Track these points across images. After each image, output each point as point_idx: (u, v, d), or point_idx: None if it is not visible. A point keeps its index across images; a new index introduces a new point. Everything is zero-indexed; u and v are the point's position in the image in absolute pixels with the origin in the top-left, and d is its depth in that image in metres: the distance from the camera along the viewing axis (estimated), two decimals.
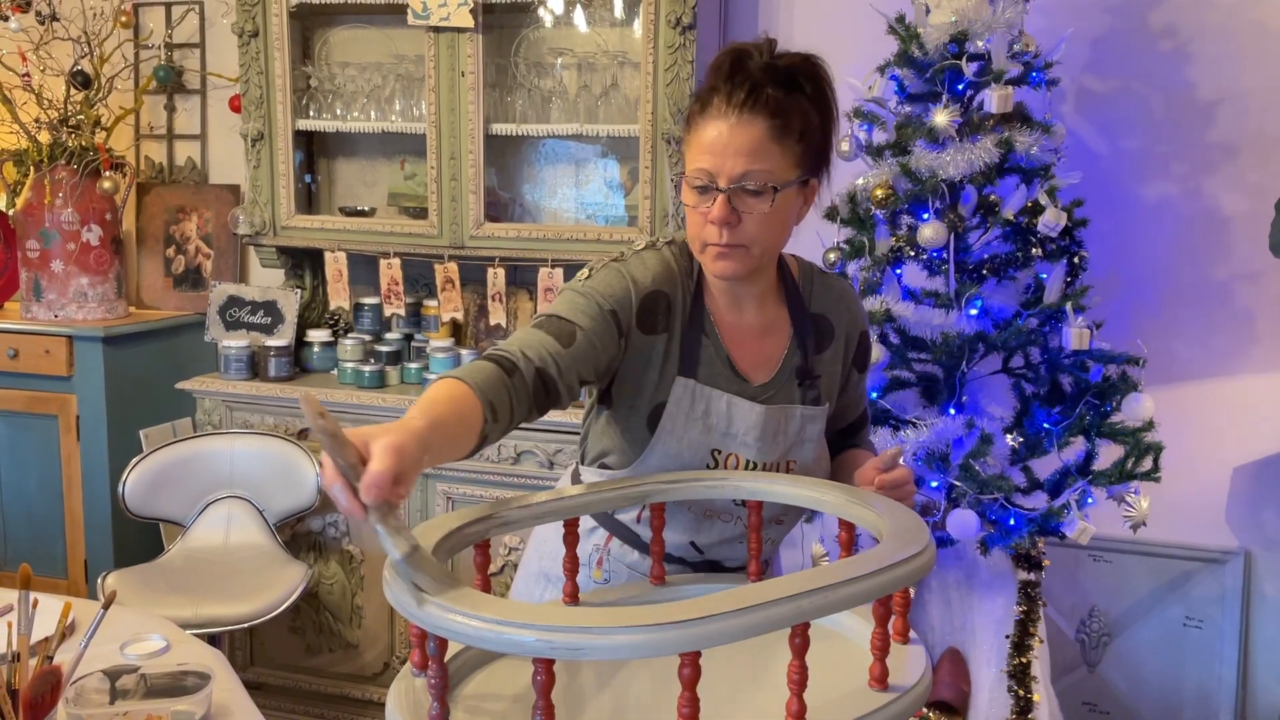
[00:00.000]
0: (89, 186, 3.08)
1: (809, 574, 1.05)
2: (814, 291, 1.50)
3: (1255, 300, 2.66)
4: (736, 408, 1.43)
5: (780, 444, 1.45)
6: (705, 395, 1.42)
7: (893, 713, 1.09)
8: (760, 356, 1.46)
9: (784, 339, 1.48)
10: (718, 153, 1.31)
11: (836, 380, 1.51)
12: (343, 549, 2.87)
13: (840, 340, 1.51)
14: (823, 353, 1.49)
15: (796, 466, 1.48)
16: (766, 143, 1.31)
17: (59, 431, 3.06)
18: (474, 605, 0.93)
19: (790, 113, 1.32)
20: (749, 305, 1.46)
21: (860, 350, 1.54)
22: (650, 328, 1.41)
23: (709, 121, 1.32)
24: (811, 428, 1.46)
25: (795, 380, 1.46)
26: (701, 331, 1.44)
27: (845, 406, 1.56)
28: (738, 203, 1.32)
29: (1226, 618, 2.70)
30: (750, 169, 1.31)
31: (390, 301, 2.93)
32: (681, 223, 2.66)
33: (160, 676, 1.57)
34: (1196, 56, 2.63)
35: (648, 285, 1.40)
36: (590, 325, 1.35)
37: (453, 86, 2.77)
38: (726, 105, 1.31)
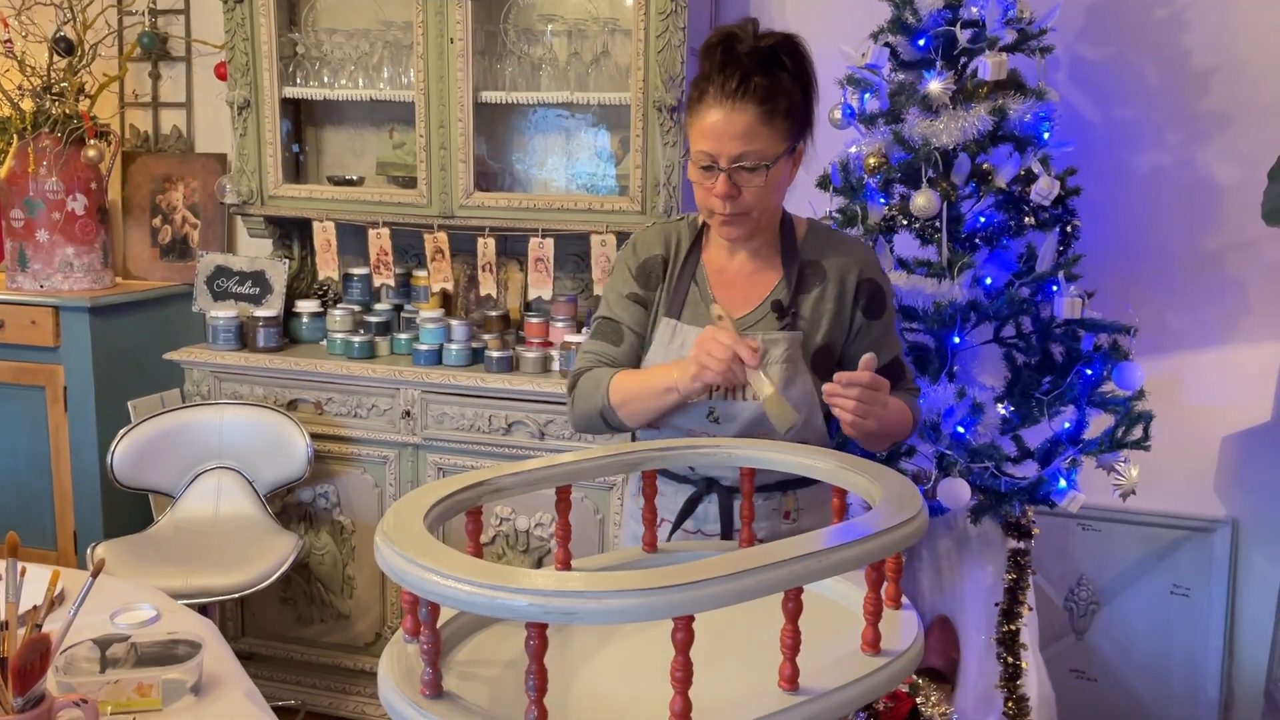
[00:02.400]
0: (73, 155, 3.04)
1: (802, 539, 1.05)
2: (812, 242, 1.68)
3: (1247, 270, 2.66)
4: (683, 332, 1.62)
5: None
6: (683, 331, 1.63)
7: (885, 676, 1.09)
8: (744, 296, 1.66)
9: (771, 280, 1.66)
10: (716, 137, 1.52)
11: (826, 317, 1.63)
12: (333, 520, 2.86)
13: (831, 283, 1.64)
14: (807, 292, 1.64)
15: None
16: (757, 126, 1.51)
17: (46, 403, 3.05)
18: (468, 570, 0.93)
19: (776, 95, 1.52)
20: (741, 254, 1.68)
21: (867, 297, 1.65)
22: (650, 285, 1.69)
23: (707, 109, 1.53)
24: (775, 351, 1.59)
25: (772, 313, 1.63)
26: (692, 279, 1.68)
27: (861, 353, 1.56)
28: (737, 179, 1.54)
29: (1214, 586, 2.72)
30: (745, 150, 1.52)
31: (379, 272, 2.91)
32: (673, 192, 2.64)
33: (151, 645, 1.57)
34: (1191, 25, 2.62)
35: (643, 254, 1.70)
36: (625, 316, 1.69)
37: (441, 53, 2.73)
38: (720, 94, 1.52)
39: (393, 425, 2.77)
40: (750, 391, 1.52)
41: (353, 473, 2.83)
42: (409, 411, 2.75)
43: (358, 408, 2.79)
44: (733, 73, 1.51)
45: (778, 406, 1.44)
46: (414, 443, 2.76)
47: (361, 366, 2.77)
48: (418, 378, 2.73)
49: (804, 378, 1.60)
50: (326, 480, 2.84)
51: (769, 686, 1.04)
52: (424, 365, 2.77)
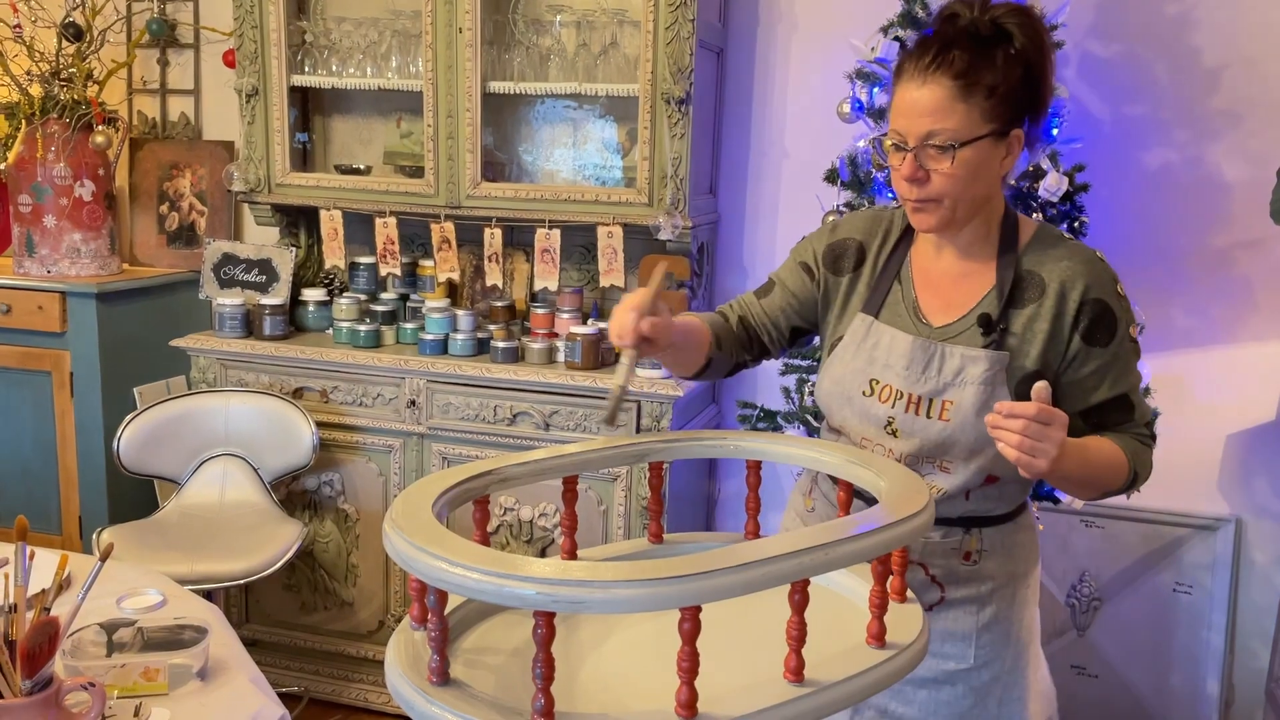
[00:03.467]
0: (81, 141, 3.04)
1: (809, 532, 1.05)
2: (1035, 249, 1.48)
3: (1254, 268, 2.65)
4: (897, 340, 1.49)
5: (933, 378, 1.45)
6: (878, 330, 1.51)
7: (890, 669, 1.10)
8: (950, 301, 1.51)
9: (982, 288, 1.49)
10: (906, 114, 1.40)
11: (1039, 338, 1.44)
12: (338, 508, 2.87)
13: (1050, 299, 1.44)
14: (1022, 307, 1.45)
15: (953, 407, 1.43)
16: (950, 102, 1.37)
17: (53, 388, 3.05)
18: (476, 558, 0.93)
19: (979, 70, 1.37)
20: (950, 253, 1.52)
21: (1090, 319, 1.43)
22: (838, 269, 1.58)
23: (902, 85, 1.42)
24: (974, 370, 1.43)
25: (978, 327, 1.46)
26: (895, 276, 1.55)
27: (1077, 383, 1.46)
28: (925, 160, 1.40)
29: (1216, 584, 2.73)
30: (935, 128, 1.38)
31: (386, 261, 2.92)
32: (680, 184, 2.64)
33: (157, 630, 1.58)
34: (1202, 22, 2.61)
35: (841, 234, 1.60)
36: (786, 277, 1.62)
37: (450, 43, 2.73)
38: (914, 69, 1.39)
39: (398, 414, 2.77)
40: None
41: (358, 461, 2.83)
42: (414, 401, 2.75)
43: (363, 396, 2.80)
44: (931, 44, 1.39)
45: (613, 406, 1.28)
46: (419, 432, 2.76)
47: (367, 355, 2.78)
48: (423, 367, 2.73)
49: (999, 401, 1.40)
50: (331, 468, 2.84)
51: (774, 678, 1.05)
52: (429, 355, 2.77)
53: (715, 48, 2.84)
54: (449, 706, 0.98)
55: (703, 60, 2.69)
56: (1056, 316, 1.44)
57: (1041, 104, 1.44)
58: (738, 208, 2.99)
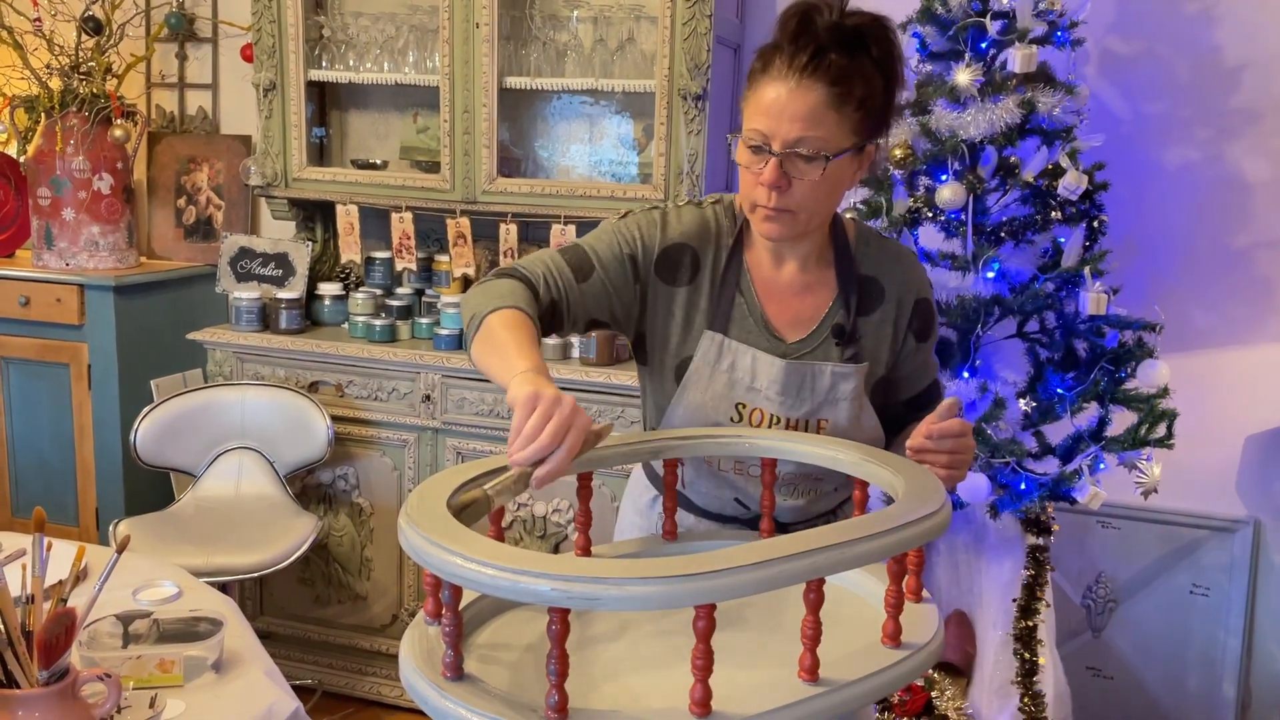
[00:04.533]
0: (100, 134, 3.06)
1: (824, 530, 1.05)
2: (867, 254, 1.48)
3: (1275, 268, 2.63)
4: (760, 362, 1.43)
5: (807, 400, 1.43)
6: (732, 349, 1.43)
7: (905, 669, 1.09)
8: (797, 314, 1.46)
9: (826, 298, 1.47)
10: (774, 115, 1.31)
11: (885, 344, 1.47)
12: (352, 501, 2.88)
13: (891, 303, 1.47)
14: (869, 314, 1.46)
15: (829, 426, 1.44)
16: (824, 110, 1.30)
17: (70, 380, 3.07)
18: (491, 554, 0.93)
19: (852, 79, 1.30)
20: (791, 264, 1.46)
21: (920, 317, 1.49)
22: (671, 279, 1.44)
23: (769, 82, 1.32)
24: (844, 386, 1.43)
25: (833, 339, 1.45)
26: (736, 288, 1.45)
27: (906, 376, 1.52)
28: (789, 167, 1.32)
29: (1234, 586, 2.71)
30: (805, 135, 1.30)
31: (401, 256, 2.92)
32: (696, 181, 2.63)
33: (173, 622, 1.59)
34: (1223, 19, 2.59)
35: (675, 237, 1.44)
36: (608, 265, 1.42)
37: (467, 38, 2.73)
38: (787, 68, 1.30)
39: (413, 409, 2.78)
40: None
41: (372, 455, 2.84)
42: (429, 395, 2.75)
43: (378, 391, 2.80)
44: (806, 44, 1.29)
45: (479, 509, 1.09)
46: (433, 427, 2.77)
47: (382, 350, 2.78)
48: (438, 362, 2.73)
49: (869, 415, 1.47)
50: (346, 462, 2.85)
51: (789, 676, 1.04)
52: (445, 350, 2.78)
53: (732, 44, 2.83)
54: (463, 701, 0.98)
55: (720, 56, 2.68)
56: (895, 321, 1.47)
57: (891, 119, 1.39)
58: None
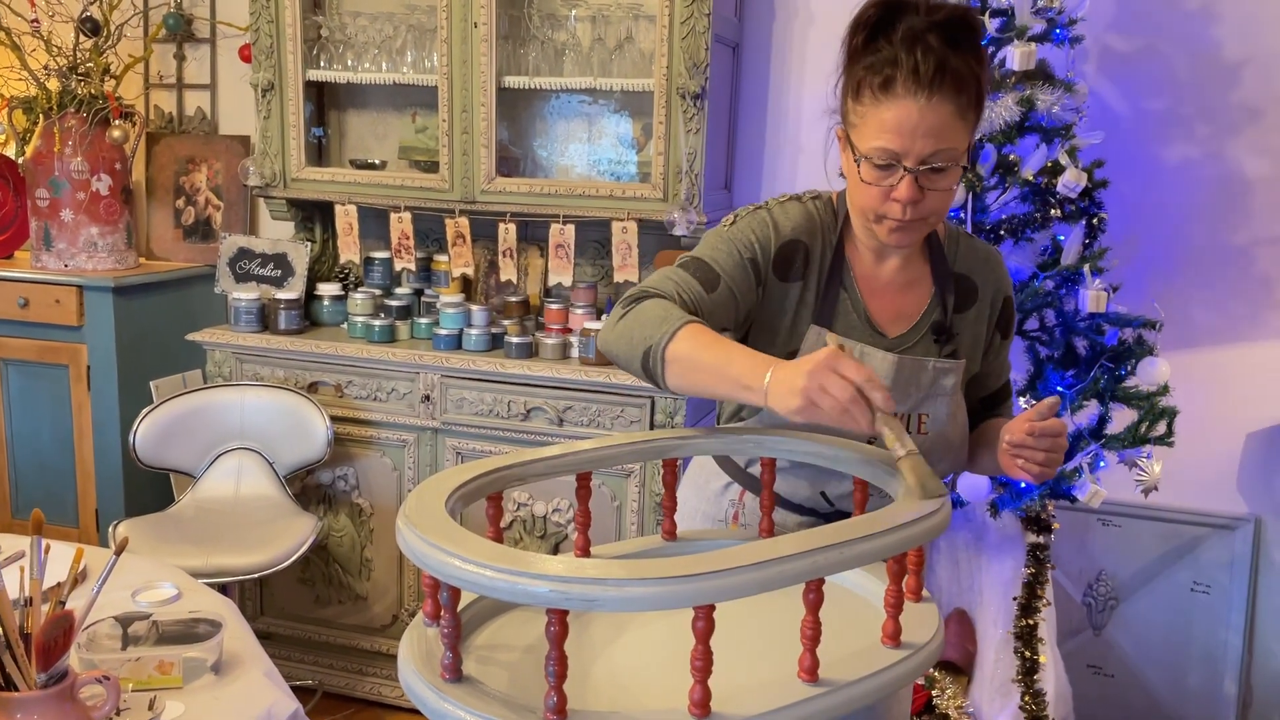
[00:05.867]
0: (98, 135, 3.06)
1: (823, 530, 1.04)
2: (960, 252, 1.51)
3: (1275, 266, 2.63)
4: (870, 357, 1.43)
5: (913, 395, 1.45)
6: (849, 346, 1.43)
7: (905, 669, 1.09)
8: (898, 311, 1.48)
9: (925, 295, 1.49)
10: (905, 134, 1.29)
11: (980, 341, 1.51)
12: (352, 502, 2.87)
13: (984, 302, 1.50)
14: (965, 311, 1.49)
15: (929, 420, 1.46)
16: (954, 121, 1.30)
17: (70, 381, 3.07)
18: (489, 555, 0.93)
19: (969, 82, 1.30)
20: (892, 262, 1.48)
21: (1004, 315, 1.53)
22: (786, 275, 1.45)
23: (895, 100, 1.29)
24: (945, 381, 1.45)
25: (932, 336, 1.47)
26: (840, 284, 1.46)
27: (988, 373, 1.55)
28: (924, 181, 1.32)
29: (1234, 584, 2.70)
30: (939, 149, 1.30)
31: (400, 256, 2.92)
32: (695, 179, 2.62)
33: (172, 623, 1.59)
34: (1223, 16, 2.58)
35: (787, 234, 1.44)
36: (732, 272, 1.41)
37: (465, 38, 2.73)
38: (915, 84, 1.28)
39: (412, 409, 2.78)
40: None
41: (372, 456, 2.84)
42: (428, 396, 2.75)
43: (377, 391, 2.80)
44: (926, 56, 1.27)
45: (921, 472, 1.15)
46: (433, 427, 2.76)
47: (382, 350, 2.78)
48: (437, 362, 2.73)
49: (963, 411, 1.48)
50: (346, 463, 2.85)
51: (789, 677, 1.04)
52: (444, 350, 2.77)
53: (731, 42, 2.83)
54: (461, 703, 0.97)
55: (718, 55, 2.68)
56: (987, 320, 1.51)
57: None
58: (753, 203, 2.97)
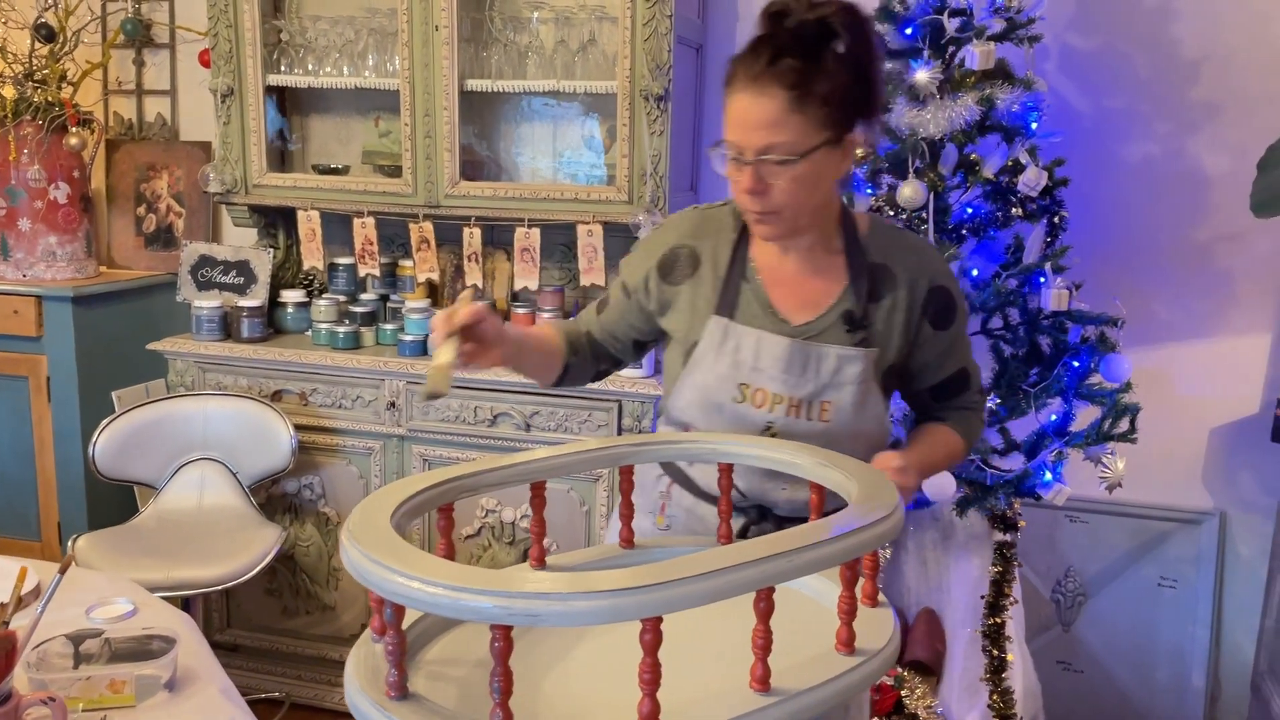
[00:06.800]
0: (55, 143, 3.01)
1: (773, 538, 1.03)
2: (878, 243, 1.52)
3: (1235, 261, 2.64)
4: (765, 342, 1.47)
5: (811, 380, 1.46)
6: (737, 332, 1.49)
7: (858, 677, 1.08)
8: (804, 299, 1.50)
9: (836, 285, 1.50)
10: (741, 126, 1.36)
11: (898, 330, 1.50)
12: (319, 511, 2.85)
13: (902, 289, 1.50)
14: (879, 300, 1.49)
15: (833, 408, 1.47)
16: (785, 114, 1.33)
17: (30, 392, 3.02)
18: (432, 571, 0.91)
19: (811, 79, 1.33)
20: (794, 254, 1.51)
21: (936, 304, 1.51)
22: (674, 280, 1.55)
23: (734, 93, 1.37)
24: (850, 369, 1.46)
25: (843, 324, 1.48)
26: (742, 277, 1.52)
27: (927, 365, 1.55)
28: (764, 173, 1.37)
29: (1201, 578, 2.72)
30: (772, 141, 1.35)
31: (365, 262, 2.89)
32: (660, 182, 2.62)
33: (125, 641, 1.56)
34: (1181, 13, 2.60)
35: (670, 241, 1.56)
36: (616, 298, 1.62)
37: (426, 41, 2.71)
38: (746, 77, 1.35)
39: (378, 416, 2.75)
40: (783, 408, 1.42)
41: (338, 464, 2.81)
42: (394, 402, 2.73)
43: (342, 399, 2.77)
44: (762, 52, 1.33)
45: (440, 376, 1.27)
46: (399, 434, 2.74)
47: (346, 357, 2.76)
48: (403, 368, 2.71)
49: (875, 401, 1.49)
50: (311, 471, 2.82)
51: (741, 686, 1.03)
52: (409, 356, 2.75)
53: (694, 43, 2.82)
54: None
55: (681, 56, 2.67)
56: (910, 307, 1.50)
57: (874, 103, 1.41)
58: None
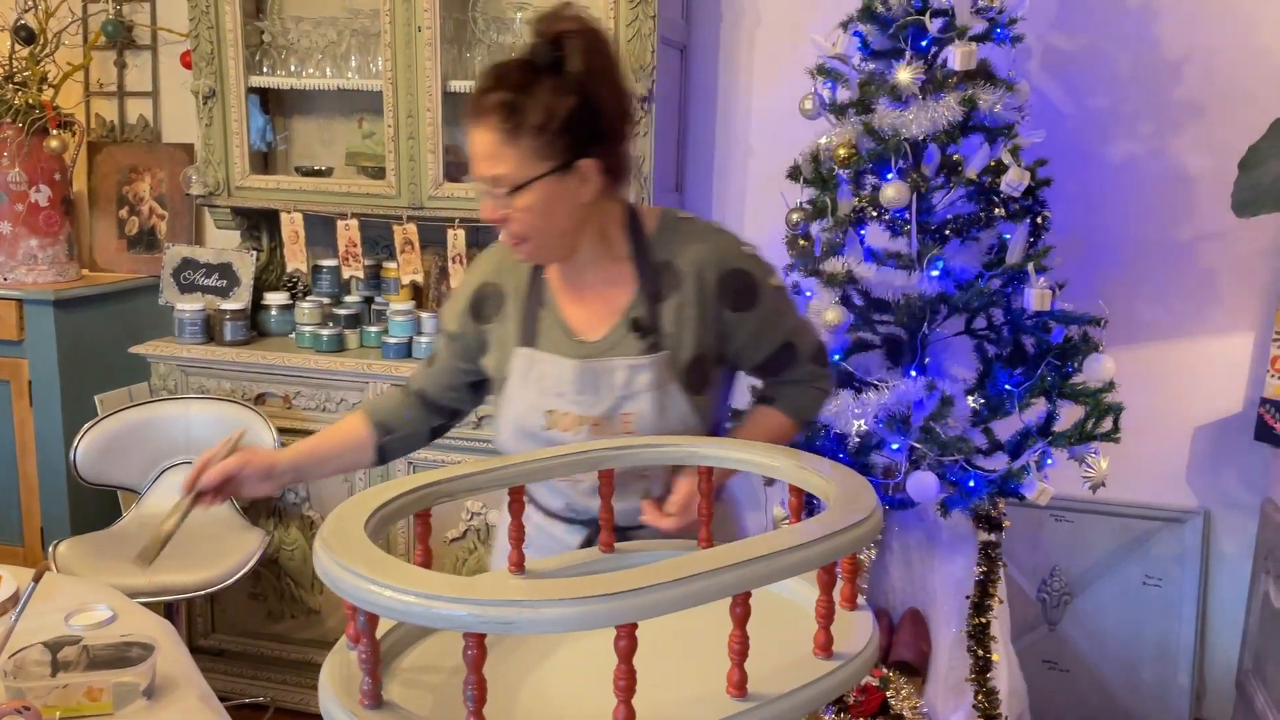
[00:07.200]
0: (36, 145, 2.99)
1: (751, 542, 1.03)
2: (664, 240, 1.49)
3: (1218, 260, 2.65)
4: (561, 366, 1.47)
5: (606, 397, 1.45)
6: (540, 360, 1.48)
7: (836, 681, 1.08)
8: (597, 313, 1.49)
9: (626, 292, 1.49)
10: (472, 159, 1.40)
11: (693, 323, 1.46)
12: (303, 514, 2.83)
13: (688, 284, 1.46)
14: (667, 300, 1.47)
15: (634, 418, 1.45)
16: (499, 147, 1.35)
17: (12, 397, 3.00)
18: (403, 579, 0.91)
19: (523, 110, 1.33)
20: (584, 269, 1.50)
21: (731, 289, 1.47)
22: (485, 318, 1.55)
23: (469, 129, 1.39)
24: (642, 378, 1.45)
25: (633, 332, 1.46)
26: (539, 303, 1.52)
27: (743, 348, 1.51)
28: (497, 203, 1.39)
29: (1186, 576, 2.73)
30: (494, 174, 1.37)
31: (348, 264, 2.88)
32: (643, 183, 2.61)
33: (103, 648, 1.55)
34: (1164, 13, 2.60)
35: (475, 282, 1.57)
36: (441, 346, 1.61)
37: (409, 42, 2.70)
38: (469, 111, 1.38)
39: None
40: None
41: None
42: None
43: (326, 402, 2.76)
44: (481, 84, 1.36)
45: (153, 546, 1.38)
46: None
47: (330, 360, 2.74)
48: (387, 371, 2.70)
49: (677, 402, 1.46)
50: None
51: (718, 692, 1.03)
52: (393, 358, 2.74)
53: (678, 44, 2.82)
54: None
55: (665, 57, 2.67)
56: (700, 299, 1.46)
57: (609, 130, 1.39)
58: (704, 205, 2.96)
